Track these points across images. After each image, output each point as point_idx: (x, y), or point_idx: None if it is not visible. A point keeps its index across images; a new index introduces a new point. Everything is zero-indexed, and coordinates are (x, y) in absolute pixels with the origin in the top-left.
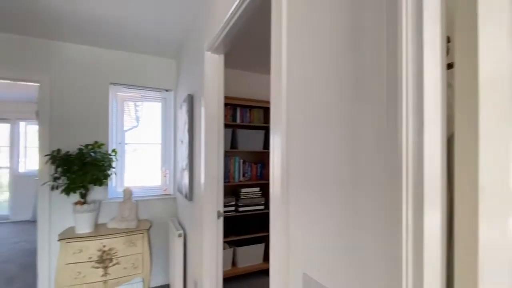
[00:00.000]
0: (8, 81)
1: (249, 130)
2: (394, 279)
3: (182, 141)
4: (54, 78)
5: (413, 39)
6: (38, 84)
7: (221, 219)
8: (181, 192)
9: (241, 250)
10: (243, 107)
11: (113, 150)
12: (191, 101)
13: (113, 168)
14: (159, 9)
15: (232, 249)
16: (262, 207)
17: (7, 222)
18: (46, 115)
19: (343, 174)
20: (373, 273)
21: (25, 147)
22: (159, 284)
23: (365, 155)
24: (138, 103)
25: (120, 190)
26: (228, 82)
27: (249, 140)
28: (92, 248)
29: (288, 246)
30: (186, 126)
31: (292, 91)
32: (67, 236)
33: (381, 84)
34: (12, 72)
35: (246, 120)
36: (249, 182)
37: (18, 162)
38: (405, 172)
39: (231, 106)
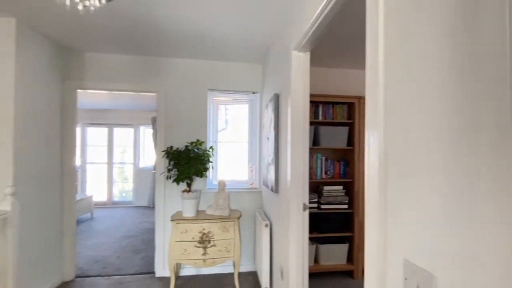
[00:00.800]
0: (133, 93)
1: (331, 127)
2: None
3: (268, 138)
4: (167, 88)
5: None
6: (156, 94)
7: (307, 212)
8: (266, 186)
9: (323, 248)
10: (325, 103)
11: (211, 147)
12: (277, 100)
13: (211, 162)
14: (248, 20)
15: (314, 245)
16: (345, 206)
17: (131, 207)
18: (162, 118)
19: (454, 161)
20: (488, 262)
21: (143, 147)
22: (248, 270)
23: (484, 151)
24: (227, 107)
25: (215, 182)
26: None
27: (332, 137)
28: (195, 230)
29: (385, 234)
30: (272, 124)
31: (392, 81)
32: (177, 218)
33: (503, 70)
34: (136, 85)
35: (329, 116)
36: (332, 180)
37: (139, 159)
38: None
39: (313, 103)
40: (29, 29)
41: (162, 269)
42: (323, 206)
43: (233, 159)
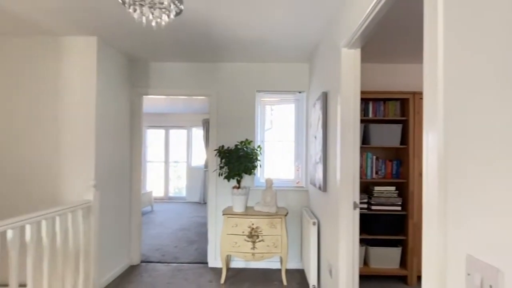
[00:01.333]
0: (186, 97)
1: (383, 124)
2: None
3: (315, 137)
4: (218, 91)
5: None
6: (209, 97)
7: (357, 210)
8: (314, 184)
9: (374, 250)
10: (376, 100)
11: (258, 146)
12: (325, 98)
13: (259, 160)
14: (299, 20)
15: (363, 247)
16: (398, 208)
17: (184, 202)
18: (214, 119)
19: None
20: None
21: (194, 147)
22: (294, 267)
23: None
24: (272, 107)
25: (262, 180)
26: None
27: (383, 135)
28: (244, 224)
29: (445, 232)
30: (320, 123)
31: (453, 75)
32: (228, 212)
33: None
34: (192, 90)
35: (380, 114)
36: (383, 180)
37: (191, 158)
38: None
39: (362, 100)
40: (106, 45)
41: (214, 260)
42: (373, 207)
43: (279, 158)
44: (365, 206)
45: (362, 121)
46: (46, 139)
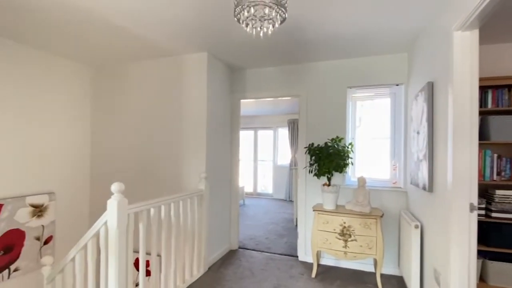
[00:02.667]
0: (272, 99)
1: (507, 116)
2: None
3: (418, 132)
4: (308, 90)
5: None
6: (298, 98)
7: (475, 213)
8: (416, 184)
9: (494, 265)
10: (497, 88)
11: (350, 144)
12: (430, 89)
13: (351, 158)
14: (398, 8)
15: (480, 260)
16: None
17: (271, 199)
18: (304, 118)
19: None
20: None
21: (280, 146)
22: (389, 273)
23: None
24: (363, 103)
25: (353, 179)
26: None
27: (509, 130)
28: (335, 222)
29: None
30: (424, 116)
31: None
32: (318, 209)
33: None
34: (283, 91)
35: (503, 103)
36: (509, 183)
37: (277, 157)
38: None
39: (480, 88)
40: (213, 58)
41: (304, 255)
42: (494, 215)
43: (372, 156)
44: (483, 212)
45: (479, 113)
46: (171, 139)
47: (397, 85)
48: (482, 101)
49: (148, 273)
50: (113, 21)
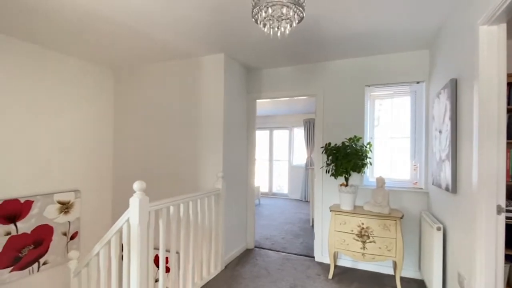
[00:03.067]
0: (288, 99)
1: None
2: None
3: (440, 131)
4: (324, 89)
5: None
6: (315, 97)
7: (503, 216)
8: (438, 185)
9: None
10: None
11: (368, 143)
12: (454, 86)
13: (369, 158)
14: (417, 5)
15: (507, 265)
16: None
17: (286, 199)
18: (320, 118)
19: None
20: None
21: (296, 146)
22: (409, 276)
23: None
24: (381, 102)
25: (371, 179)
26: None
27: None
28: (353, 223)
29: None
30: (448, 114)
31: None
32: (335, 209)
33: None
34: (299, 91)
35: None
36: None
37: (292, 156)
38: None
39: (507, 85)
40: (230, 58)
41: (321, 255)
42: None
43: (391, 156)
44: (510, 215)
45: (507, 110)
46: (189, 139)
47: (418, 82)
48: (511, 98)
49: (167, 269)
50: (135, 26)
